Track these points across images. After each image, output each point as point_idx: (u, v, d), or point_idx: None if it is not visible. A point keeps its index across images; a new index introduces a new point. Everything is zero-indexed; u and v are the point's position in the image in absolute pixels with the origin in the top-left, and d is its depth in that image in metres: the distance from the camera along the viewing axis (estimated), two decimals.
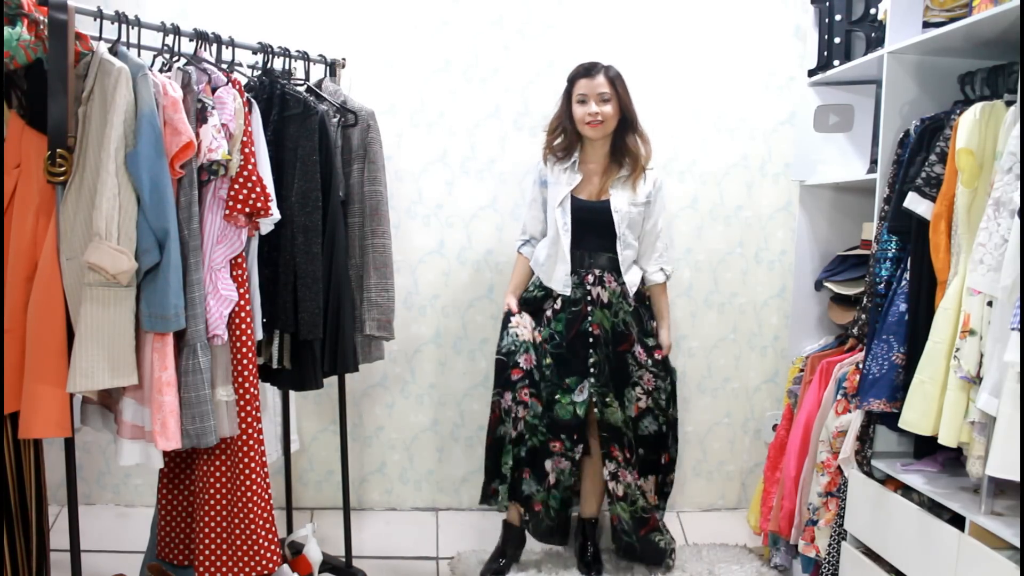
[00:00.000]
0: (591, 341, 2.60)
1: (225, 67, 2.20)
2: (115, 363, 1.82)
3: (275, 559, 2.09)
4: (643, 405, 2.65)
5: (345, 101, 2.47)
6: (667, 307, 2.78)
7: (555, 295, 2.66)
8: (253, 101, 2.14)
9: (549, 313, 2.67)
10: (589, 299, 2.62)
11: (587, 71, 2.60)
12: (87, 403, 2.05)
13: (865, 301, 2.39)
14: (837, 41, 2.74)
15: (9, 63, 1.81)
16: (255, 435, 2.08)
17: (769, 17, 3.09)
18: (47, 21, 1.78)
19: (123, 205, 1.81)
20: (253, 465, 2.07)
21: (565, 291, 2.63)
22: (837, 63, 2.74)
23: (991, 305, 1.86)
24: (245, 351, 2.05)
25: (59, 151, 1.81)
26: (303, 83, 2.44)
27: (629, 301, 2.65)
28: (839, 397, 2.44)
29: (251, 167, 2.02)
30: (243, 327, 2.05)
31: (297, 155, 2.22)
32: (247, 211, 2.01)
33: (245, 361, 2.05)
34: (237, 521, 2.07)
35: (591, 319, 2.61)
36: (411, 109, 3.06)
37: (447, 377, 3.18)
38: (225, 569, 2.08)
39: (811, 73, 2.88)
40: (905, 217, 2.15)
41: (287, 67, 2.46)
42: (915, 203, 2.10)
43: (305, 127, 2.22)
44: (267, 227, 2.14)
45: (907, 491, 2.18)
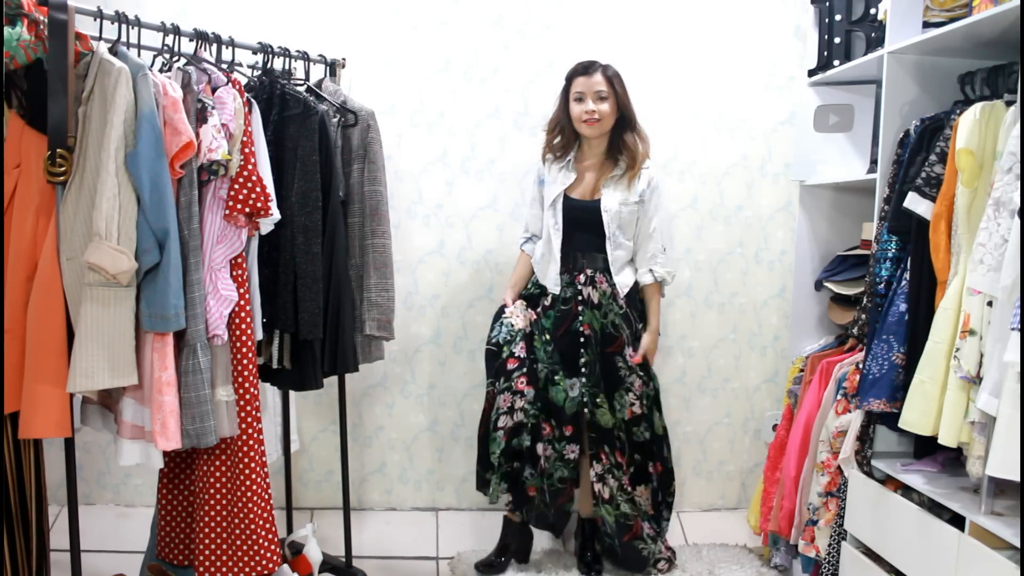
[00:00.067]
0: (582, 341, 2.60)
1: (225, 67, 2.20)
2: (115, 363, 1.82)
3: (275, 559, 2.09)
4: (637, 411, 2.63)
5: (345, 101, 2.47)
6: (656, 311, 2.68)
7: (548, 293, 2.67)
8: (253, 101, 2.14)
9: (540, 309, 2.68)
10: (580, 299, 2.61)
11: (585, 69, 2.59)
12: (87, 403, 2.05)
13: (865, 301, 2.39)
14: (837, 41, 2.74)
15: (9, 63, 1.81)
16: (255, 435, 2.08)
17: (769, 17, 3.09)
18: (47, 21, 1.78)
19: (123, 205, 1.81)
20: (253, 465, 2.07)
21: (555, 290, 2.64)
22: (837, 63, 2.74)
23: (991, 305, 1.86)
24: (245, 351, 2.05)
25: (59, 151, 1.81)
26: (303, 83, 2.44)
27: (620, 303, 2.62)
28: (839, 397, 2.44)
29: (251, 167, 2.02)
30: (243, 327, 2.05)
31: (297, 155, 2.22)
32: (247, 211, 2.01)
33: (245, 361, 2.06)
34: (237, 521, 2.07)
35: (582, 319, 2.60)
36: (411, 109, 3.06)
37: (447, 377, 3.18)
38: (225, 569, 2.08)
39: (811, 73, 2.88)
40: (905, 217, 2.15)
41: (287, 67, 2.47)
42: (915, 203, 2.10)
43: (305, 127, 2.23)
44: (267, 227, 2.14)
45: (907, 491, 2.18)
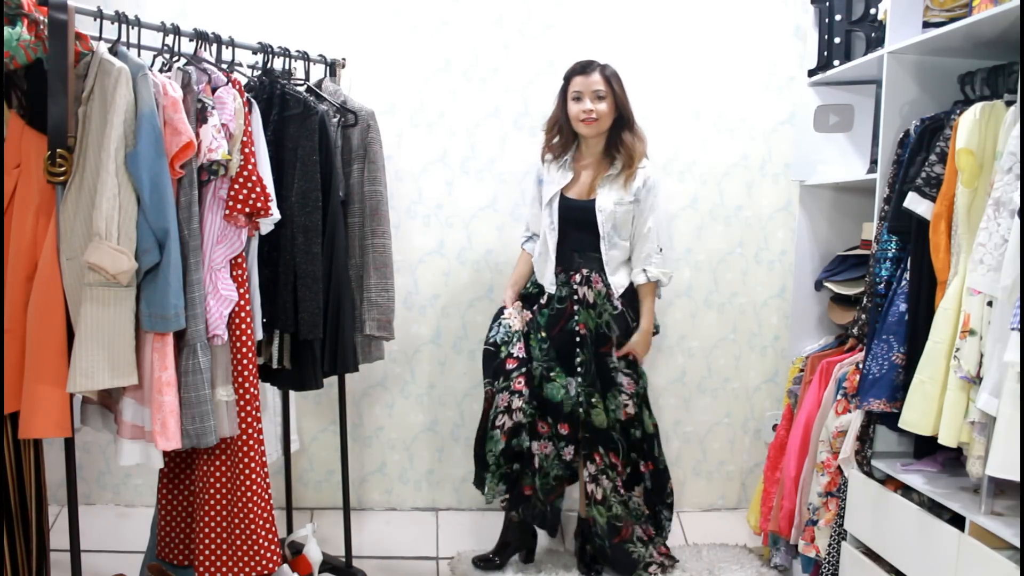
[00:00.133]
0: (578, 340, 2.60)
1: (225, 67, 2.20)
2: (115, 363, 1.82)
3: (275, 559, 2.09)
4: (631, 411, 2.63)
5: (345, 101, 2.47)
6: (647, 311, 2.63)
7: (546, 292, 2.67)
8: (253, 101, 2.14)
9: (535, 308, 2.69)
10: (576, 298, 2.61)
11: (583, 68, 2.59)
12: (87, 403, 2.05)
13: (865, 301, 2.39)
14: (837, 41, 2.74)
15: (9, 63, 1.81)
16: (255, 435, 2.08)
17: (769, 17, 3.09)
18: (47, 21, 1.78)
19: (123, 205, 1.81)
20: (253, 465, 2.07)
21: (552, 289, 2.64)
22: (837, 63, 2.74)
23: (991, 305, 1.86)
24: (245, 351, 2.05)
25: (59, 151, 1.81)
26: (303, 83, 2.44)
27: (614, 303, 2.60)
28: (839, 397, 2.44)
29: (251, 167, 2.02)
30: (243, 327, 2.05)
31: (297, 155, 2.22)
32: (247, 211, 2.01)
33: (245, 361, 2.06)
34: (237, 521, 2.07)
35: (577, 318, 2.60)
36: (411, 109, 3.06)
37: (447, 377, 3.18)
38: (225, 569, 2.08)
39: (811, 73, 2.88)
40: (905, 217, 2.15)
41: (287, 67, 2.47)
42: (915, 203, 2.10)
43: (305, 127, 2.23)
44: (267, 227, 2.14)
45: (907, 491, 2.18)
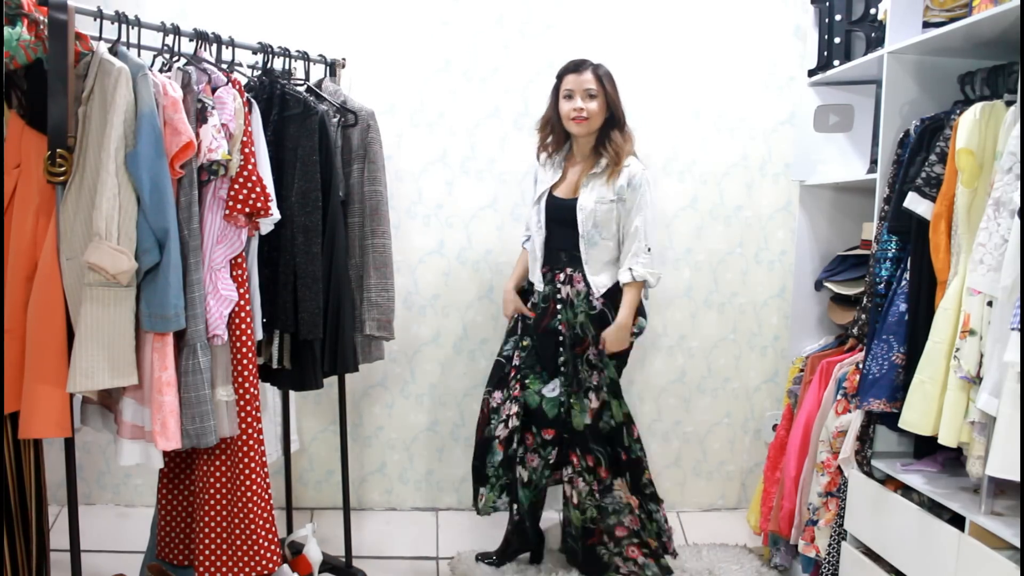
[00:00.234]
0: (560, 340, 2.60)
1: (225, 67, 2.20)
2: (115, 363, 1.82)
3: (275, 559, 2.09)
4: (594, 406, 2.58)
5: (345, 101, 2.47)
6: (626, 306, 2.54)
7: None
8: (253, 101, 2.14)
9: (529, 305, 2.69)
10: (558, 297, 2.61)
11: (576, 67, 2.58)
12: (87, 403, 2.05)
13: (865, 301, 2.39)
14: (837, 41, 2.74)
15: (9, 63, 1.81)
16: (255, 435, 2.08)
17: (769, 17, 3.09)
18: (47, 21, 1.78)
19: (123, 205, 1.81)
20: (253, 465, 2.07)
21: (539, 287, 2.66)
22: (837, 63, 2.74)
23: (991, 305, 1.86)
24: (245, 351, 2.05)
25: (59, 151, 1.81)
26: (303, 83, 2.44)
27: (593, 303, 2.57)
28: (839, 397, 2.44)
29: (251, 167, 2.02)
30: (243, 327, 2.05)
31: (297, 155, 2.22)
32: (247, 211, 2.01)
33: (245, 361, 2.06)
34: (237, 521, 2.07)
35: (559, 318, 2.60)
36: (411, 109, 3.06)
37: (447, 377, 3.18)
38: (225, 569, 2.08)
39: (811, 73, 2.88)
40: (905, 217, 2.15)
41: (287, 67, 2.47)
42: (915, 203, 2.10)
43: (305, 127, 2.23)
44: (267, 227, 2.14)
45: (907, 491, 2.18)
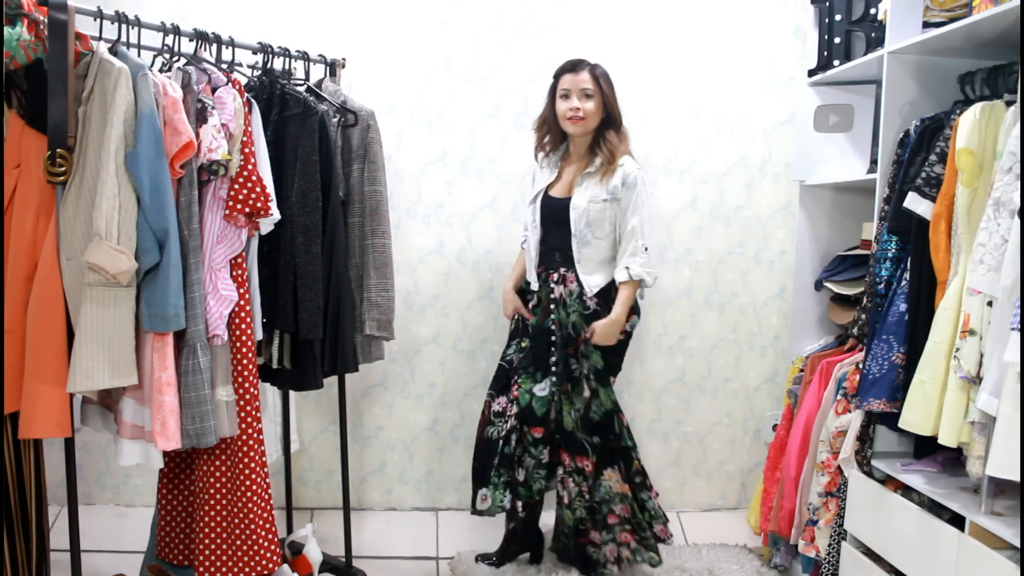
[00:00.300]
0: (552, 340, 2.60)
1: (225, 67, 2.20)
2: (115, 363, 1.82)
3: (275, 559, 2.09)
4: (586, 394, 2.57)
5: (345, 101, 2.47)
6: (620, 303, 2.53)
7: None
8: (253, 101, 2.14)
9: (530, 306, 2.70)
10: (552, 297, 2.61)
11: (573, 67, 2.58)
12: (87, 403, 2.05)
13: (865, 301, 2.39)
14: (837, 41, 2.74)
15: (9, 63, 1.81)
16: (255, 435, 2.08)
17: (769, 17, 3.09)
18: (47, 21, 1.78)
19: (123, 205, 1.81)
20: (253, 465, 2.07)
21: (534, 287, 2.67)
22: (837, 63, 2.74)
23: (991, 305, 1.86)
24: (245, 351, 2.05)
25: (59, 151, 1.81)
26: (303, 83, 2.44)
27: (586, 303, 2.56)
28: (839, 397, 2.44)
29: (251, 167, 2.02)
30: (243, 327, 2.05)
31: (297, 155, 2.22)
32: (247, 211, 2.01)
33: (245, 361, 2.06)
34: (237, 521, 2.07)
35: (553, 317, 2.60)
36: (411, 109, 3.06)
37: (447, 377, 3.18)
38: (225, 569, 2.08)
39: (811, 73, 2.88)
40: (905, 217, 2.15)
41: (287, 67, 2.47)
42: (915, 203, 2.10)
43: (305, 127, 2.23)
44: (267, 227, 2.14)
45: (907, 491, 2.18)
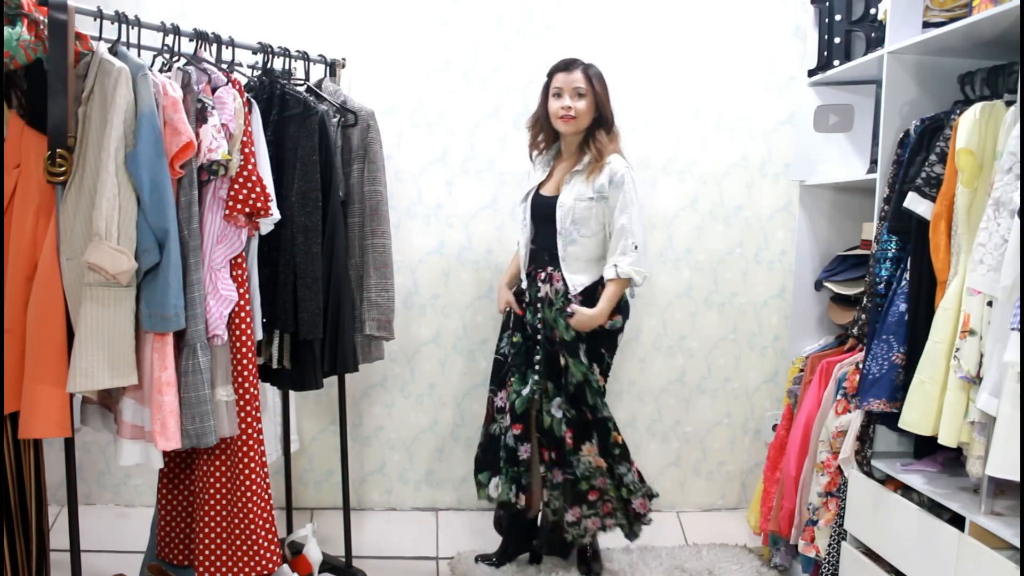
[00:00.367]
0: (538, 338, 2.60)
1: (225, 67, 2.20)
2: (115, 363, 1.82)
3: (275, 559, 2.09)
4: (561, 363, 2.56)
5: (345, 101, 2.47)
6: (606, 300, 2.49)
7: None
8: (253, 101, 2.14)
9: (523, 305, 2.69)
10: (539, 296, 2.61)
11: (566, 66, 2.57)
12: (87, 403, 2.05)
13: (865, 301, 2.39)
14: (837, 41, 2.74)
15: (9, 63, 1.81)
16: (255, 435, 2.08)
17: (769, 17, 3.09)
18: (47, 21, 1.78)
19: (123, 205, 1.81)
20: (253, 465, 2.07)
21: (524, 285, 2.67)
22: (837, 63, 2.74)
23: (991, 305, 1.86)
24: (245, 351, 2.05)
25: (59, 151, 1.81)
26: (303, 83, 2.44)
27: (571, 301, 2.54)
28: (839, 397, 2.44)
29: (251, 167, 2.02)
30: (243, 327, 2.05)
31: (297, 155, 2.22)
32: (247, 211, 2.01)
33: (245, 361, 2.05)
34: (237, 521, 2.07)
35: (540, 316, 2.60)
36: (411, 109, 3.06)
37: (447, 377, 3.18)
38: (225, 569, 2.08)
39: (811, 73, 2.88)
40: (905, 217, 2.15)
41: (287, 67, 2.47)
42: (915, 203, 2.10)
43: (305, 127, 2.23)
44: (267, 227, 2.14)
45: (907, 491, 2.18)
